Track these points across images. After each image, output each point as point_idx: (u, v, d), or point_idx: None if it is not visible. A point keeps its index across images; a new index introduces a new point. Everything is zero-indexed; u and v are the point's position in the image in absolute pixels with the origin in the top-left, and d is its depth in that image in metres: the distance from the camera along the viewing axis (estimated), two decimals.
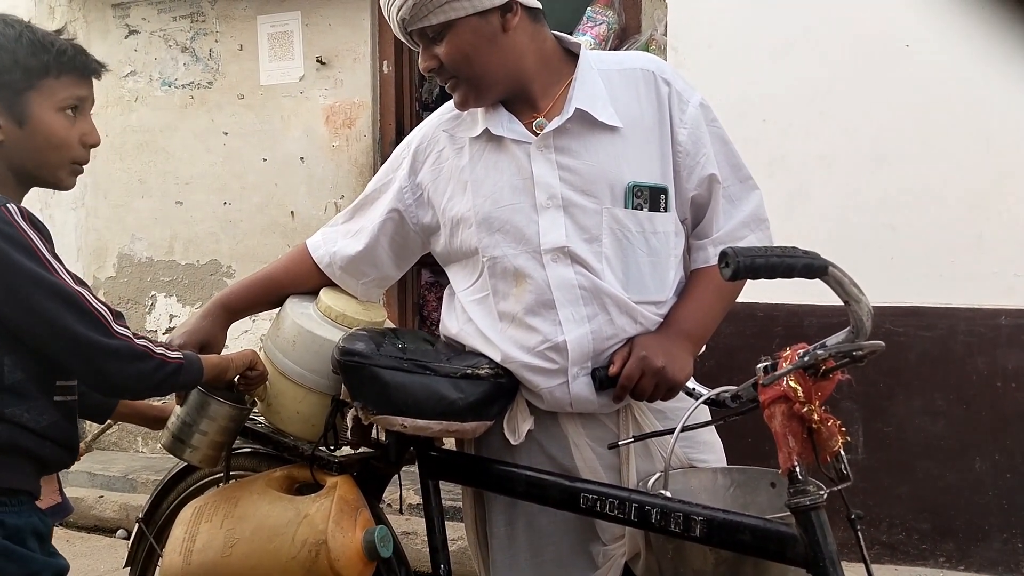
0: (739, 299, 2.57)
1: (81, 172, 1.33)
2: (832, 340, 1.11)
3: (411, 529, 2.95)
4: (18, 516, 1.23)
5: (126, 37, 4.16)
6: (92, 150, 1.33)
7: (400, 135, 3.71)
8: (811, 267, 1.04)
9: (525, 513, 1.45)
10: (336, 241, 1.55)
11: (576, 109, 1.35)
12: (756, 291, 1.53)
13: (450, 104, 1.47)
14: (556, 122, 1.36)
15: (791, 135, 2.96)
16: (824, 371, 1.12)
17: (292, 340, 1.46)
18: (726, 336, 2.79)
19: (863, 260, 2.86)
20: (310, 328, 1.45)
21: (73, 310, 1.17)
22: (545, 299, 1.36)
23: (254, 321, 3.02)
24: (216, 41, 4.02)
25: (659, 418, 1.43)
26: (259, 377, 1.46)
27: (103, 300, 1.24)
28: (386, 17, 1.36)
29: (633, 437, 1.39)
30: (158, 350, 1.25)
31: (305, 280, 1.56)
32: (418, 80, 3.91)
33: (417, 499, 2.46)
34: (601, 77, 1.39)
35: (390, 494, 1.64)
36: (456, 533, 2.25)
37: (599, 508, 1.29)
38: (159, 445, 2.36)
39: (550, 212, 1.36)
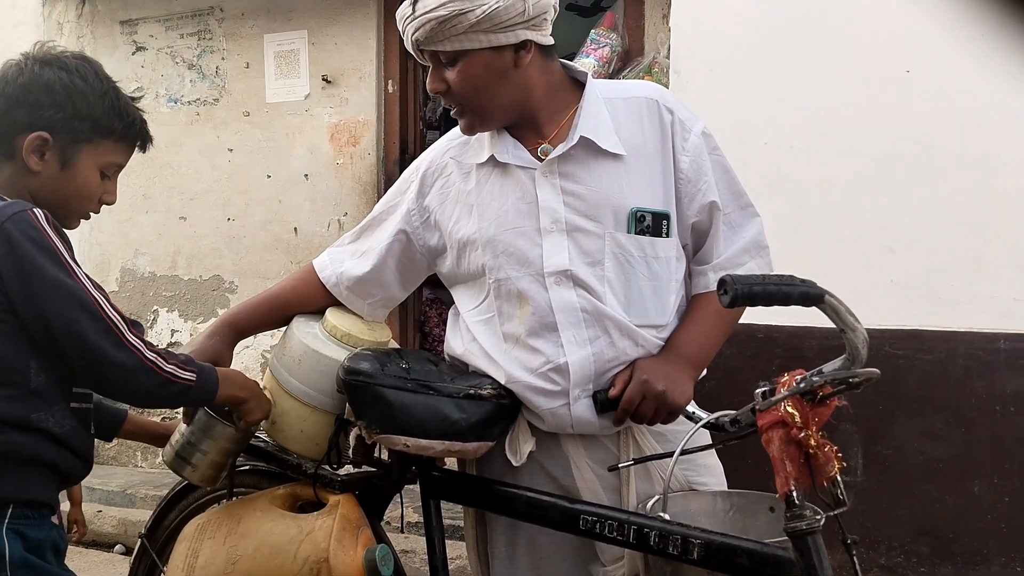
0: (740, 321, 2.59)
1: (88, 219, 1.39)
2: (828, 367, 1.13)
3: (410, 547, 2.96)
4: (39, 529, 1.25)
5: (133, 53, 4.21)
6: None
7: (404, 154, 3.74)
8: (808, 295, 1.06)
9: (526, 533, 1.46)
10: (343, 262, 1.57)
11: (581, 136, 1.38)
12: (756, 313, 1.54)
13: (456, 131, 1.50)
14: (560, 149, 1.39)
15: (792, 158, 2.98)
16: (821, 397, 1.13)
17: (298, 359, 1.47)
18: (726, 358, 2.80)
19: (863, 283, 2.88)
20: (316, 347, 1.46)
21: (87, 315, 1.19)
22: (548, 321, 1.38)
23: (255, 337, 3.05)
24: (223, 59, 4.07)
25: (659, 441, 1.45)
26: (245, 420, 1.45)
27: (119, 309, 1.25)
28: (400, 32, 1.38)
29: (633, 460, 1.40)
30: (168, 367, 1.26)
31: (312, 300, 1.58)
32: (423, 99, 3.95)
33: (417, 517, 2.47)
34: (606, 106, 1.42)
35: (390, 512, 1.65)
36: (456, 552, 2.26)
37: (598, 530, 1.31)
38: (158, 460, 2.38)
39: (554, 236, 1.38)
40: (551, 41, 1.40)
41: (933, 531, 2.81)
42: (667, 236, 1.41)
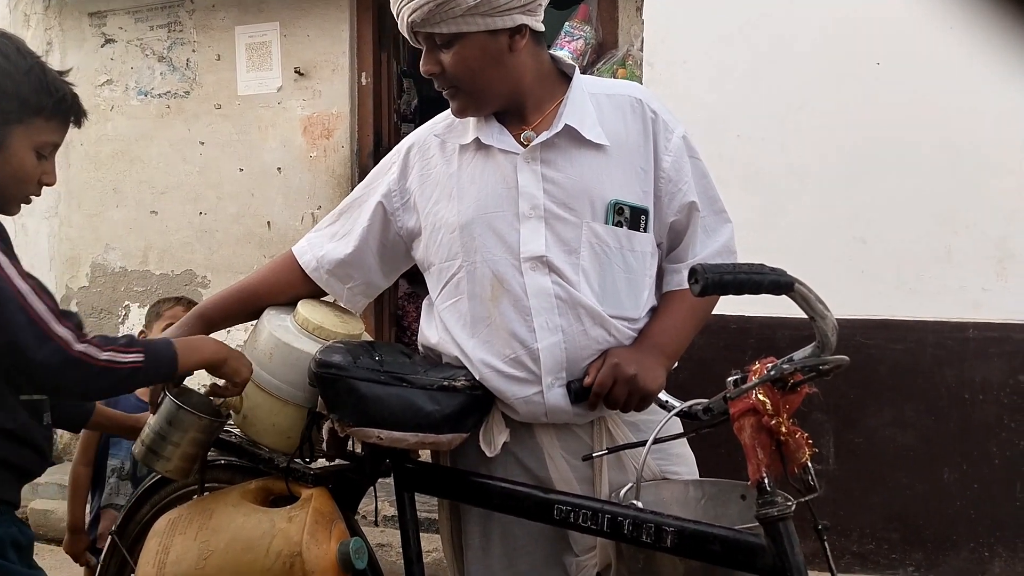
0: (713, 312, 2.61)
1: (29, 203, 1.34)
2: (799, 354, 1.14)
3: (386, 541, 2.95)
4: None
5: (102, 46, 4.14)
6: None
7: (378, 147, 3.72)
8: (777, 284, 1.07)
9: (500, 524, 1.46)
10: (322, 245, 1.56)
11: (565, 125, 1.39)
12: (729, 304, 1.56)
13: (446, 113, 1.50)
14: (544, 135, 1.40)
15: (765, 150, 3.01)
16: (792, 385, 1.14)
17: (269, 352, 1.46)
18: (699, 348, 2.81)
19: (835, 273, 2.91)
20: (287, 340, 1.45)
21: (9, 308, 1.14)
22: (521, 306, 1.38)
23: (228, 332, 3.02)
24: (193, 51, 4.01)
25: (632, 430, 1.45)
26: (233, 382, 1.40)
27: (51, 301, 1.20)
28: (393, 13, 1.36)
29: (607, 449, 1.40)
30: (103, 355, 1.20)
31: (288, 288, 1.56)
32: (397, 92, 3.92)
33: (393, 511, 2.46)
34: (591, 100, 1.43)
35: (365, 506, 1.64)
36: (432, 545, 2.25)
37: (572, 519, 1.31)
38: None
39: (531, 222, 1.39)
40: (542, 27, 1.41)
41: (903, 518, 2.85)
42: (644, 231, 1.42)
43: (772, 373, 1.11)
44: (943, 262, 2.84)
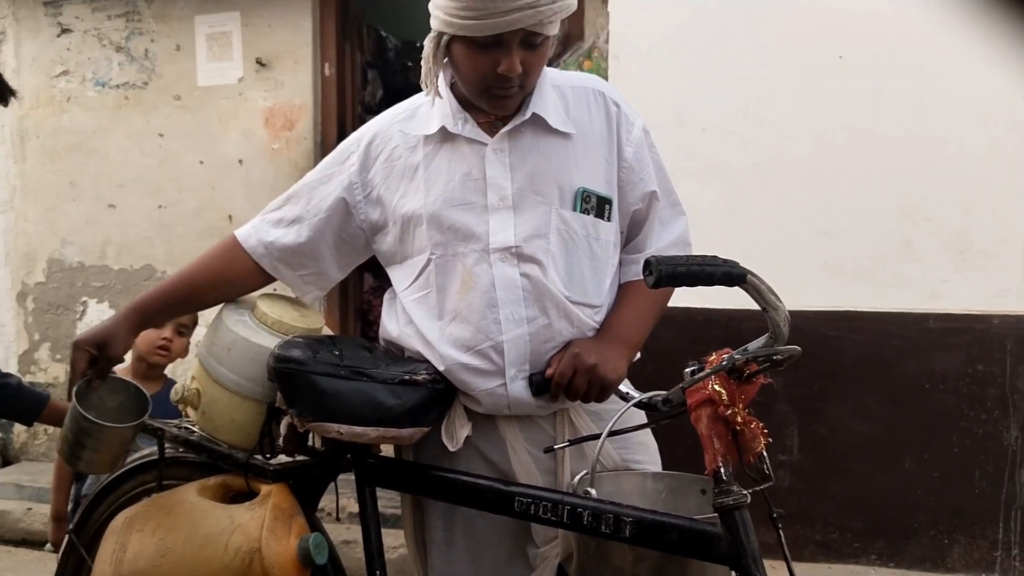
0: (678, 304, 2.61)
1: None
2: (752, 345, 1.15)
3: (352, 537, 2.92)
4: None
5: (58, 36, 4.04)
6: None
7: (343, 138, 3.66)
8: (730, 275, 1.08)
9: (463, 518, 1.46)
10: (269, 231, 1.52)
11: (533, 113, 1.40)
12: (695, 296, 1.57)
13: (404, 104, 1.50)
14: (512, 123, 1.40)
15: (729, 143, 3.03)
16: (747, 375, 1.15)
17: (227, 347, 1.43)
18: (665, 341, 2.84)
19: (798, 266, 2.95)
20: (245, 335, 1.42)
21: None
22: (489, 298, 1.38)
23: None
24: (152, 41, 3.94)
25: (595, 420, 1.46)
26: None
27: None
28: (488, 12, 1.26)
29: (568, 441, 1.40)
30: None
31: (231, 275, 1.52)
32: (360, 83, 3.89)
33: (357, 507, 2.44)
34: (555, 91, 1.44)
35: (331, 503, 1.63)
36: (399, 540, 2.24)
37: (533, 511, 1.31)
38: None
39: (500, 213, 1.39)
40: None
41: (866, 506, 2.90)
42: (608, 220, 1.44)
43: (725, 364, 1.12)
44: (903, 254, 2.89)
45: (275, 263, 1.52)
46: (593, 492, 1.27)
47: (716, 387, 1.16)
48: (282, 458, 1.50)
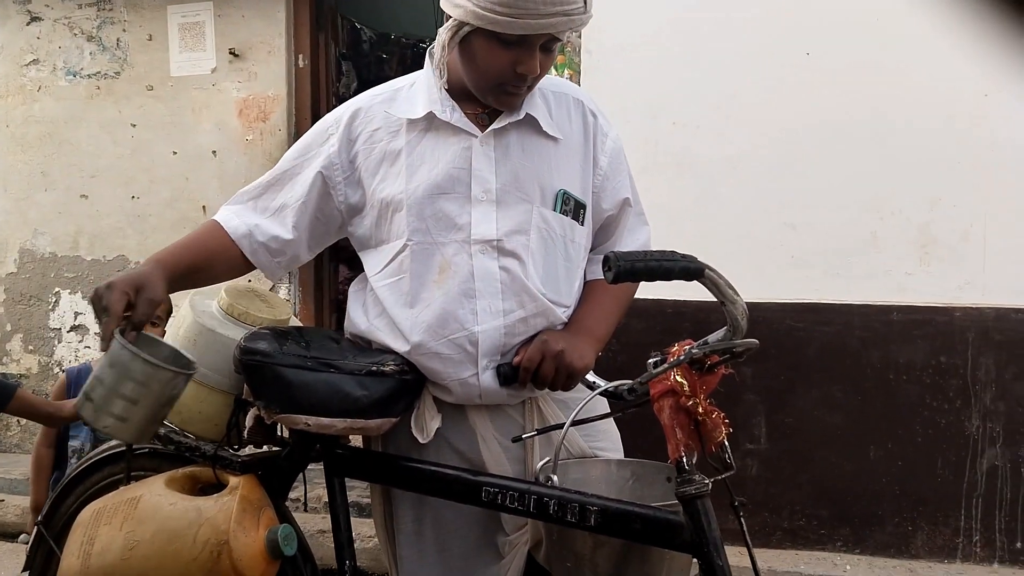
0: (649, 296, 2.65)
1: None
2: (712, 337, 1.17)
3: (328, 527, 2.93)
4: None
5: (28, 24, 3.99)
6: None
7: None
8: (688, 270, 1.10)
9: (432, 509, 1.47)
10: (249, 216, 1.50)
11: (527, 114, 1.42)
12: (666, 288, 1.59)
13: (383, 86, 1.50)
14: (506, 120, 1.41)
15: (700, 137, 3.06)
16: (709, 366, 1.17)
17: (193, 339, 1.43)
18: (636, 332, 2.87)
19: (766, 259, 2.99)
20: (211, 327, 1.43)
21: None
22: (466, 288, 1.39)
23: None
24: (124, 30, 3.90)
25: (563, 410, 1.48)
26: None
27: None
28: (522, 13, 1.27)
29: (536, 431, 1.42)
30: None
31: (215, 256, 1.48)
32: (335, 74, 3.87)
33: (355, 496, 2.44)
34: (539, 94, 1.46)
35: (309, 493, 1.63)
36: (372, 529, 2.25)
37: (500, 500, 1.32)
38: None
39: (483, 205, 1.40)
40: None
41: (832, 495, 2.95)
42: (582, 225, 1.48)
43: (681, 359, 1.15)
44: (869, 248, 2.93)
45: (256, 248, 1.49)
46: (555, 479, 1.29)
47: (678, 378, 1.19)
48: (251, 449, 1.51)
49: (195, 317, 1.45)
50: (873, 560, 2.89)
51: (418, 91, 1.45)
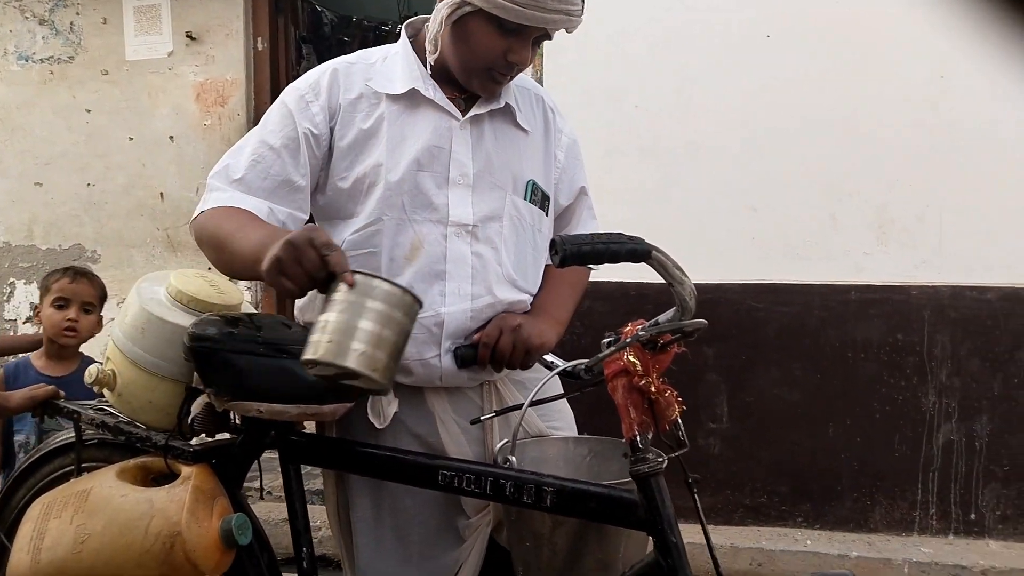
0: (612, 279, 2.66)
1: None
2: (663, 317, 1.17)
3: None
4: None
5: None
6: None
7: None
8: (635, 252, 1.10)
9: (390, 495, 1.46)
10: (252, 200, 1.38)
11: (506, 103, 1.44)
12: (628, 271, 1.60)
13: (355, 56, 1.46)
14: (486, 107, 1.42)
15: (662, 122, 3.06)
16: (662, 345, 1.17)
17: (141, 327, 1.40)
18: (600, 315, 2.88)
19: (727, 241, 3.01)
20: (160, 314, 1.40)
21: None
22: (437, 269, 1.38)
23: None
24: (77, 14, 3.81)
25: (521, 391, 1.48)
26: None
27: None
28: (546, 10, 1.28)
29: (494, 412, 1.42)
30: None
31: None
32: (295, 58, 3.81)
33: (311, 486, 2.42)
34: (511, 87, 1.47)
35: (271, 481, 1.61)
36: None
37: (457, 483, 1.32)
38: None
39: (459, 188, 1.39)
40: None
41: (792, 471, 3.00)
42: (547, 216, 1.51)
43: (629, 341, 1.15)
44: (828, 229, 2.97)
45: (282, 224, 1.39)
46: (513, 460, 1.29)
47: (631, 358, 1.19)
48: (205, 438, 1.49)
49: (142, 304, 1.42)
50: (833, 534, 2.95)
51: (394, 66, 1.42)
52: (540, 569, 1.34)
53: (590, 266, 1.60)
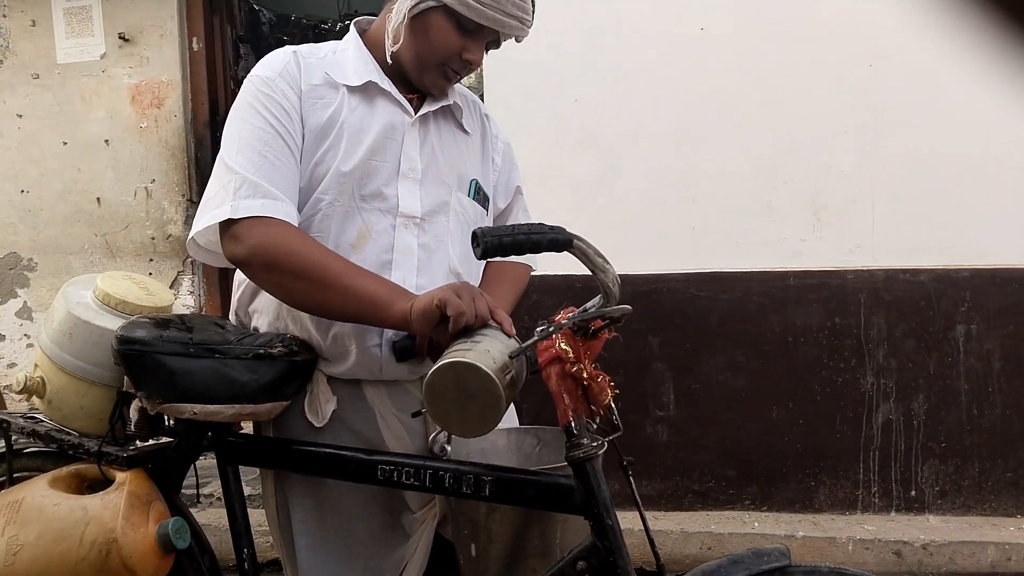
0: (559, 272, 2.67)
1: None
2: (589, 304, 1.19)
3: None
4: None
5: None
6: None
7: (215, 115, 3.56)
8: (556, 241, 1.11)
9: (332, 494, 1.45)
10: (280, 206, 1.35)
11: (454, 102, 1.49)
12: (574, 264, 1.61)
13: (306, 48, 1.45)
14: (434, 104, 1.46)
15: (601, 114, 3.09)
16: (592, 331, 1.19)
17: (68, 332, 1.38)
18: (548, 308, 2.90)
19: (668, 230, 3.06)
20: (87, 318, 1.37)
21: None
22: (384, 259, 1.38)
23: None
24: (4, 16, 3.70)
25: None
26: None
27: None
28: (510, 18, 1.36)
29: None
30: None
31: None
32: (232, 58, 3.76)
33: (249, 489, 2.39)
34: (456, 90, 1.52)
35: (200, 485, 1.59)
36: None
37: (396, 477, 1.32)
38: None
39: (408, 182, 1.41)
40: None
41: (739, 456, 3.06)
42: (488, 216, 1.55)
43: (551, 329, 1.16)
44: (765, 216, 3.03)
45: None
46: (449, 449, 1.30)
47: (562, 345, 1.20)
48: (153, 441, 1.47)
49: (68, 308, 1.39)
50: (779, 516, 3.01)
51: (345, 61, 1.43)
52: (479, 556, 1.35)
53: (528, 262, 1.63)
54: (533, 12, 1.40)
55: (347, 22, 4.50)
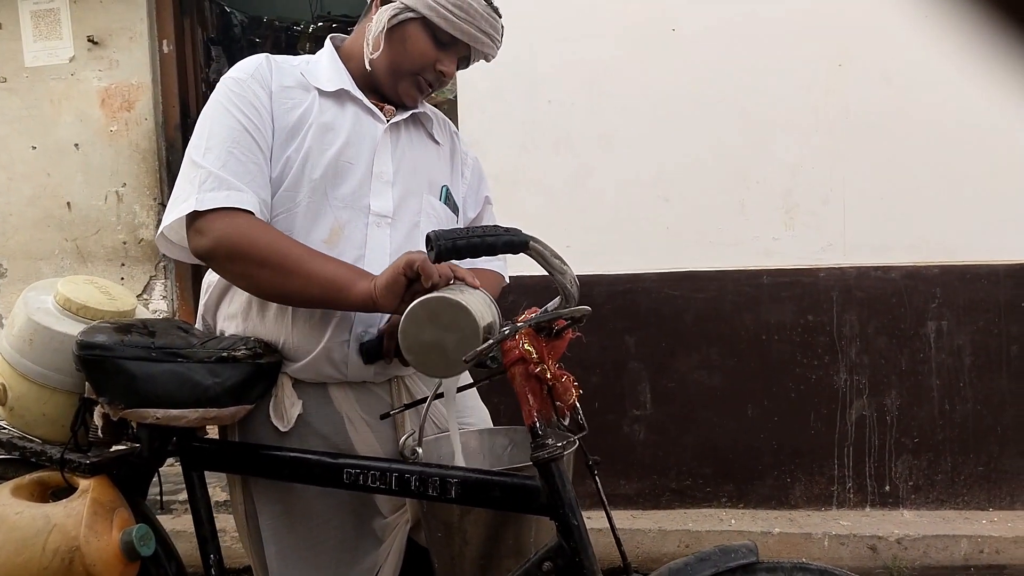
0: (534, 274, 2.66)
1: None
2: (550, 306, 1.19)
3: (219, 526, 2.85)
4: None
5: None
6: None
7: (186, 118, 3.53)
8: (512, 243, 1.11)
9: (301, 500, 1.44)
10: (248, 196, 1.35)
11: (422, 112, 1.54)
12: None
13: (279, 57, 1.48)
14: (406, 113, 1.50)
15: (574, 115, 3.10)
16: (556, 331, 1.19)
17: (28, 338, 1.36)
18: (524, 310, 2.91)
19: (642, 231, 3.06)
20: (47, 324, 1.35)
21: None
22: (357, 255, 1.38)
23: None
24: None
25: (429, 385, 1.47)
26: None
27: None
28: (483, 33, 1.44)
29: (403, 406, 1.41)
30: None
31: None
32: (204, 60, 3.73)
33: (224, 496, 2.36)
34: (426, 104, 1.58)
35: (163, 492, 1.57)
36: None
37: (362, 481, 1.31)
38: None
39: (380, 184, 1.43)
40: None
41: (715, 454, 3.07)
42: (459, 222, 1.59)
43: (507, 332, 1.16)
44: (738, 216, 3.05)
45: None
46: (420, 451, 1.29)
47: (526, 346, 1.20)
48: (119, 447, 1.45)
49: (28, 314, 1.37)
50: (756, 513, 3.03)
51: (319, 70, 1.47)
52: (454, 559, 1.35)
53: (500, 271, 1.63)
54: (502, 34, 1.49)
55: (319, 23, 4.48)
